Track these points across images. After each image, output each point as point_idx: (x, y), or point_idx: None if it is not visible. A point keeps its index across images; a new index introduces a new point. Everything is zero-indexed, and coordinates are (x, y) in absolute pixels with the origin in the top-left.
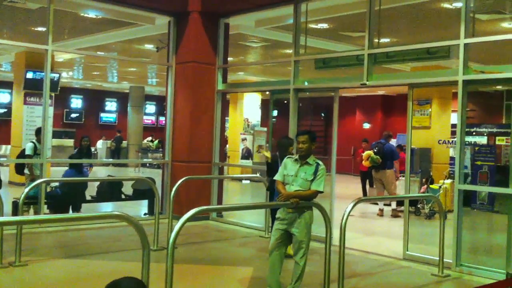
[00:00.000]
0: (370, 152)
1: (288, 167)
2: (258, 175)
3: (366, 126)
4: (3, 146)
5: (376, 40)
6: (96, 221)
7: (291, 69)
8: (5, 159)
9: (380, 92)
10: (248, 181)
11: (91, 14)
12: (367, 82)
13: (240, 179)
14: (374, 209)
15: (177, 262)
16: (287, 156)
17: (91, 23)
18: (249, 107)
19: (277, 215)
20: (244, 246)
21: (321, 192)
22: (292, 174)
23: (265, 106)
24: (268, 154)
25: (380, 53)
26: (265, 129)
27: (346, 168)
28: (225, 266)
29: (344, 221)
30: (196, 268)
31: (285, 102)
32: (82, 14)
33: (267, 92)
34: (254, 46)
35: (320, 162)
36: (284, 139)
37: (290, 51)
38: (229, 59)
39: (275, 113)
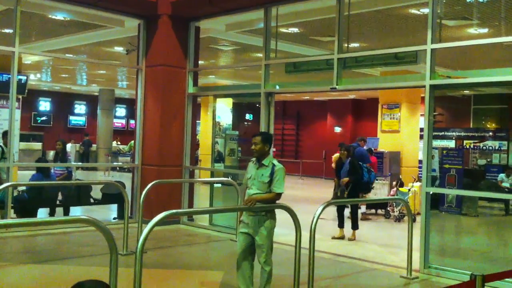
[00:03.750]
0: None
1: (249, 170)
2: (228, 178)
3: (337, 130)
4: None
5: (346, 45)
6: (64, 226)
7: (262, 73)
8: None
9: (351, 96)
10: (219, 185)
11: (60, 16)
12: (337, 86)
13: (210, 183)
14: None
15: (147, 266)
16: (250, 160)
17: (60, 25)
18: (220, 111)
19: (241, 218)
20: (215, 250)
21: (281, 193)
22: (250, 177)
23: (237, 109)
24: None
25: (350, 57)
26: (237, 132)
27: (317, 172)
28: (195, 270)
29: (313, 224)
30: (165, 272)
31: (257, 105)
32: (50, 16)
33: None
34: (225, 49)
35: (276, 163)
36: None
37: (260, 55)
38: (200, 62)
39: (248, 116)
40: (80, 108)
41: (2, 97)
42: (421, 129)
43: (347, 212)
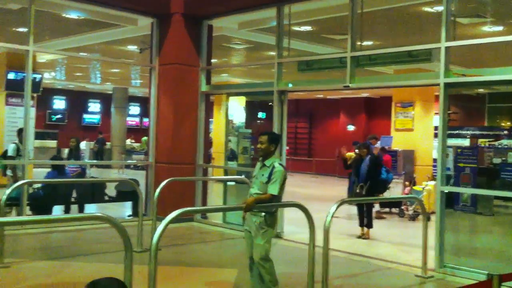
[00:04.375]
0: (351, 154)
1: (255, 169)
2: (242, 176)
3: (350, 128)
4: None
5: (359, 43)
6: (79, 223)
7: (275, 71)
8: None
9: (364, 94)
10: (233, 183)
11: (74, 15)
12: (350, 85)
13: (223, 181)
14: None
15: (160, 263)
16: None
17: (74, 24)
18: (233, 109)
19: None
20: (228, 248)
21: (276, 195)
22: (254, 176)
23: (250, 108)
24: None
25: (363, 55)
26: (250, 130)
27: (330, 170)
28: (208, 268)
29: (328, 221)
30: (179, 269)
31: (270, 104)
32: (64, 15)
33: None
34: (237, 48)
35: (277, 164)
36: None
37: (273, 53)
38: (212, 61)
39: (261, 115)
40: (94, 106)
41: (17, 96)
42: (435, 128)
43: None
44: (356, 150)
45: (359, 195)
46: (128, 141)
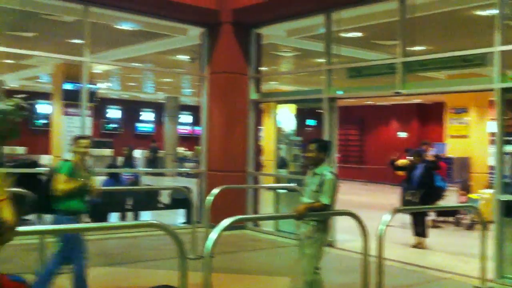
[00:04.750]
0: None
1: (306, 177)
2: (293, 184)
3: (402, 134)
4: (45, 156)
5: (410, 48)
6: (135, 230)
7: (324, 78)
8: (48, 169)
9: (416, 100)
10: (284, 191)
11: (126, 27)
12: (402, 91)
13: (274, 189)
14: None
15: (214, 271)
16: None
17: (127, 35)
18: (283, 117)
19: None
20: (280, 256)
21: (327, 205)
22: (305, 184)
23: (300, 115)
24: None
25: (414, 61)
26: (300, 138)
27: (382, 178)
28: (260, 275)
29: (381, 230)
30: (232, 277)
31: (321, 111)
32: (117, 27)
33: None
34: (286, 55)
35: (327, 173)
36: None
37: (322, 60)
38: (261, 68)
39: (310, 122)
40: (147, 115)
41: (74, 105)
42: (491, 134)
43: (428, 219)
44: (410, 158)
45: (411, 203)
46: (181, 149)
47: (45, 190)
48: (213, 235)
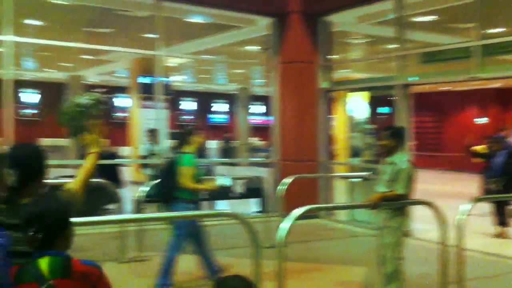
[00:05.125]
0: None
1: (381, 166)
2: (368, 173)
3: (481, 120)
4: (124, 148)
5: (488, 31)
6: (210, 219)
7: (396, 65)
8: (130, 160)
9: (495, 84)
10: (358, 180)
11: (198, 19)
12: (480, 75)
13: (347, 177)
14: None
15: (288, 260)
16: None
17: (198, 28)
18: (356, 105)
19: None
20: (355, 246)
21: (402, 194)
22: (381, 174)
23: (373, 103)
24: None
25: (493, 43)
26: (373, 126)
27: (459, 165)
28: (336, 265)
29: (461, 220)
30: (306, 266)
31: (394, 98)
32: (189, 20)
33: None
34: (356, 42)
35: (401, 161)
36: None
37: (394, 46)
38: (331, 57)
39: (383, 110)
40: (220, 106)
41: (150, 98)
42: None
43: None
44: (489, 144)
45: (492, 191)
46: (255, 140)
47: (165, 180)
48: (285, 224)
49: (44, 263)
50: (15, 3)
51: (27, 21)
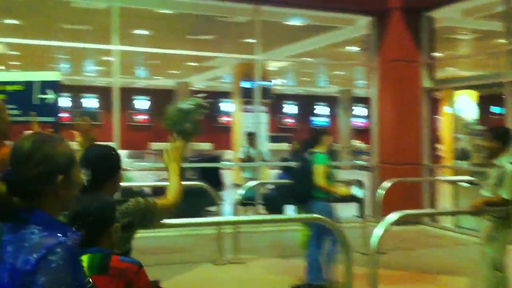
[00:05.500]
0: None
1: (488, 170)
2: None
3: None
4: (228, 151)
5: None
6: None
7: (505, 60)
8: (232, 163)
9: None
10: (467, 184)
11: (296, 22)
12: None
13: (453, 182)
14: None
15: (387, 267)
16: None
17: (297, 30)
18: (463, 104)
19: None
20: (459, 254)
21: (507, 200)
22: (487, 178)
23: (482, 102)
24: None
25: None
26: (482, 127)
27: None
28: (436, 274)
29: None
30: (407, 275)
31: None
32: (286, 23)
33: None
34: (462, 38)
35: (507, 164)
36: None
37: (503, 41)
38: (435, 54)
39: (495, 109)
40: (322, 109)
41: (251, 102)
42: None
43: None
44: None
45: None
46: (357, 143)
47: (300, 180)
48: (379, 230)
49: (84, 260)
50: (122, 15)
51: (135, 31)
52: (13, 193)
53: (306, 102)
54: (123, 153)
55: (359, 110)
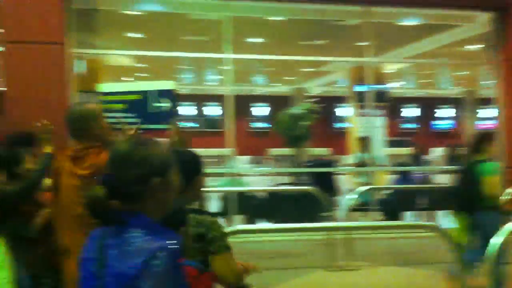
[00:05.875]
0: None
1: None
2: None
3: None
4: (344, 156)
5: None
6: (421, 231)
7: None
8: (348, 168)
9: None
10: None
11: (410, 22)
12: None
13: None
14: None
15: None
16: None
17: (412, 31)
18: None
19: None
20: None
21: None
22: None
23: None
24: None
25: None
26: None
27: None
28: None
29: None
30: None
31: None
32: (400, 23)
33: None
34: None
35: None
36: None
37: None
38: None
39: None
40: (444, 111)
41: (368, 106)
42: None
43: None
44: None
45: None
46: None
47: (466, 189)
48: (497, 239)
49: None
50: (234, 25)
51: (248, 40)
52: (112, 197)
53: (428, 105)
54: (242, 158)
55: (486, 112)
